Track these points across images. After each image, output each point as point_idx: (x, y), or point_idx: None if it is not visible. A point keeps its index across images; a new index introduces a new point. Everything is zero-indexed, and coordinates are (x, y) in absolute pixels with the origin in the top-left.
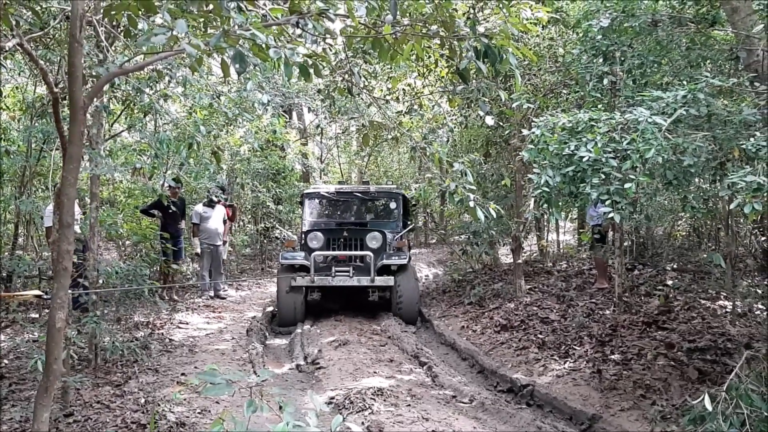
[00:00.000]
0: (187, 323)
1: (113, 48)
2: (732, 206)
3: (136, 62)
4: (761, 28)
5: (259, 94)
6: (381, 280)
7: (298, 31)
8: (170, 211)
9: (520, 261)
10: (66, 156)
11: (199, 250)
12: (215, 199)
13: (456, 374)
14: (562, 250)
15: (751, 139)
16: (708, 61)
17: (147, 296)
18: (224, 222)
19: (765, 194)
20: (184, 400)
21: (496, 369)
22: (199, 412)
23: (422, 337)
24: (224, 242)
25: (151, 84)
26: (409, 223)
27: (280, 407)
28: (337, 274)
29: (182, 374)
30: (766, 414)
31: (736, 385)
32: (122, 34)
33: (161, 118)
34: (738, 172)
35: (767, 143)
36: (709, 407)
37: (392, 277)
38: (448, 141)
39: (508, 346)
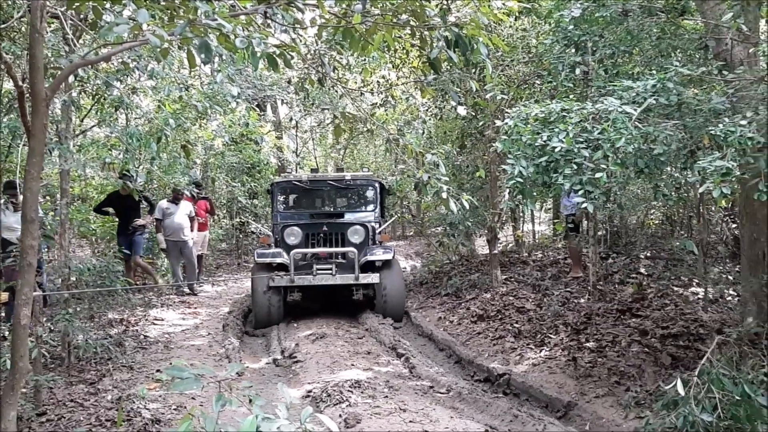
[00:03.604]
0: (162, 319)
1: (80, 41)
2: (701, 190)
3: (100, 54)
4: (729, 17)
5: (230, 86)
6: (365, 278)
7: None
8: (123, 208)
9: (496, 252)
10: (29, 149)
11: (164, 246)
12: (187, 193)
13: (433, 365)
14: (537, 240)
15: (720, 126)
16: (678, 51)
17: (120, 293)
18: (192, 218)
19: (733, 179)
20: (160, 396)
21: (472, 359)
22: (174, 409)
23: (400, 329)
24: (206, 238)
25: (121, 78)
26: (388, 215)
27: (250, 400)
28: (318, 272)
29: (157, 371)
30: (737, 397)
31: (707, 369)
32: (89, 26)
33: (132, 113)
34: (707, 158)
35: (735, 129)
36: (682, 392)
37: (377, 274)
38: (423, 133)
39: (484, 336)
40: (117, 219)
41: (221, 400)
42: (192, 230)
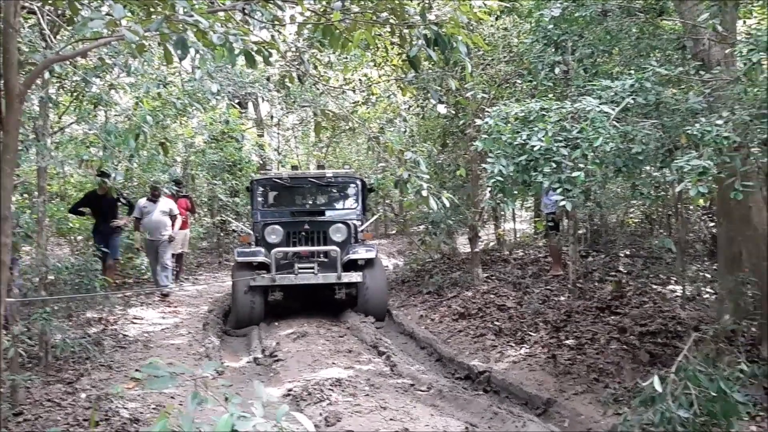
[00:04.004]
0: (141, 318)
1: (58, 37)
2: (678, 189)
3: (76, 49)
4: (706, 18)
5: (210, 83)
6: (348, 277)
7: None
8: (100, 207)
9: (477, 250)
10: (2, 146)
11: (141, 245)
12: (166, 191)
13: (414, 363)
14: (518, 239)
15: (696, 125)
16: (657, 51)
17: (99, 291)
18: (173, 216)
19: (710, 178)
20: (138, 395)
21: (453, 357)
22: (153, 408)
23: (381, 328)
24: (172, 238)
25: (100, 74)
26: (370, 213)
27: (226, 399)
28: (300, 271)
29: (136, 370)
30: (713, 394)
31: (684, 366)
32: (66, 22)
33: (110, 109)
34: (684, 157)
35: (712, 129)
36: (659, 388)
37: (360, 273)
38: (405, 131)
39: (465, 333)
40: (94, 218)
41: (197, 398)
42: (174, 228)
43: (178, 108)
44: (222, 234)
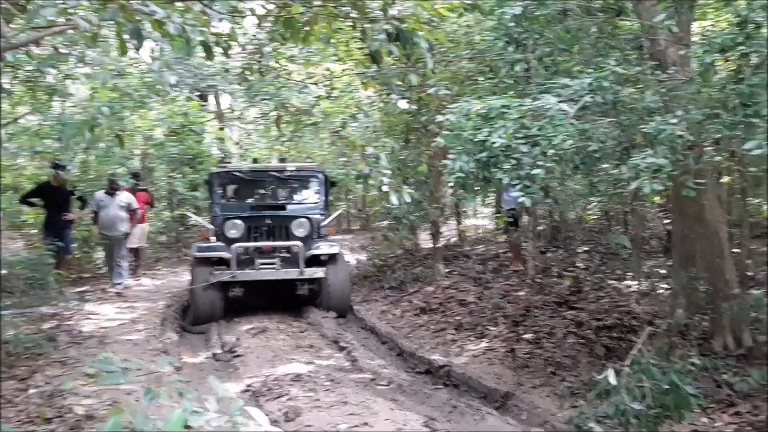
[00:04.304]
0: (97, 313)
1: (11, 26)
2: (632, 186)
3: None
4: (662, 18)
5: (168, 74)
6: (311, 272)
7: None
8: (54, 199)
9: (439, 245)
10: None
11: (98, 239)
12: (124, 184)
13: (376, 358)
14: (479, 235)
15: (652, 124)
16: (615, 50)
17: (53, 286)
18: (131, 210)
19: (664, 175)
20: (94, 392)
21: (414, 351)
22: (109, 404)
23: (343, 323)
24: (129, 233)
25: (55, 64)
26: (333, 208)
27: (180, 394)
28: (261, 267)
29: (91, 366)
30: (665, 386)
31: (638, 360)
32: (19, 11)
33: (66, 100)
34: (640, 155)
35: (666, 127)
36: (614, 382)
37: (323, 269)
38: (368, 127)
39: (426, 328)
40: (46, 211)
41: (150, 393)
42: (133, 223)
43: (136, 99)
44: (181, 228)
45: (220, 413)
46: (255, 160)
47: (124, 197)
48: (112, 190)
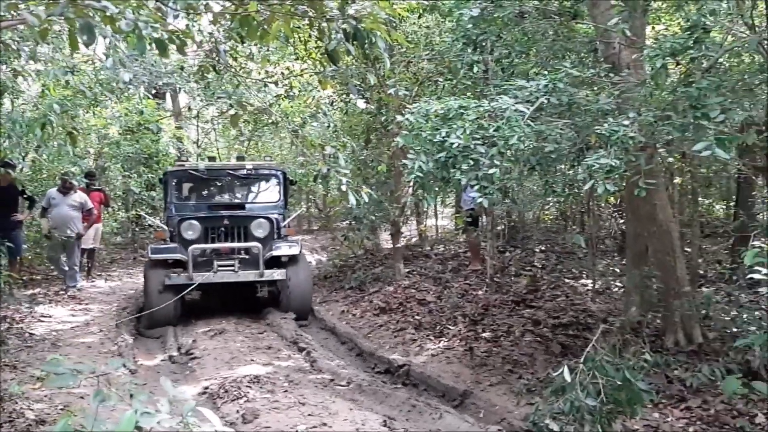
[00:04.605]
0: (50, 316)
1: None
2: (586, 187)
3: None
4: (615, 22)
5: (122, 71)
6: (271, 274)
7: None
8: (2, 199)
9: (399, 245)
10: None
11: (46, 233)
12: (75, 183)
13: (335, 358)
14: (440, 235)
15: (605, 125)
16: (571, 53)
17: (3, 288)
18: (86, 211)
19: (617, 176)
20: (45, 396)
21: (374, 351)
22: (61, 409)
23: (302, 323)
24: (80, 235)
25: (4, 60)
26: (293, 208)
27: (131, 396)
28: (219, 269)
29: (43, 370)
30: (619, 382)
31: (592, 356)
32: None
33: (16, 97)
34: (593, 156)
35: (619, 129)
36: (569, 379)
37: (283, 270)
38: (328, 126)
39: (386, 328)
40: None
41: (100, 396)
42: (88, 223)
43: (89, 97)
44: (137, 229)
45: (173, 414)
46: (212, 159)
47: (78, 197)
48: (65, 188)
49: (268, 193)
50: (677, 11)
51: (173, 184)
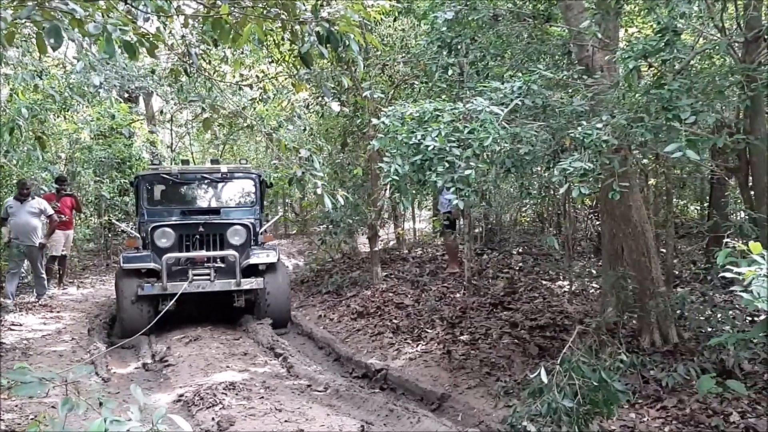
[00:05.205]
0: (20, 325)
1: None
2: (562, 190)
3: None
4: (587, 25)
5: (92, 75)
6: (248, 283)
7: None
8: None
9: (376, 249)
10: None
11: (6, 240)
12: (45, 189)
13: (312, 363)
14: (417, 238)
15: (579, 128)
16: (545, 55)
17: None
18: (50, 216)
19: (591, 179)
20: (16, 406)
21: (351, 356)
22: (31, 418)
23: (279, 329)
24: (42, 245)
25: None
26: (270, 213)
27: (100, 403)
28: (195, 278)
29: (10, 380)
30: (595, 383)
31: (569, 358)
32: None
33: None
34: (568, 159)
35: (592, 131)
36: (546, 380)
37: (261, 279)
38: (304, 130)
39: (364, 332)
40: None
41: (68, 404)
42: (51, 228)
43: (59, 101)
44: (110, 235)
45: (143, 422)
46: (185, 162)
47: (36, 203)
48: (21, 195)
49: (244, 197)
50: (649, 14)
51: (145, 188)
